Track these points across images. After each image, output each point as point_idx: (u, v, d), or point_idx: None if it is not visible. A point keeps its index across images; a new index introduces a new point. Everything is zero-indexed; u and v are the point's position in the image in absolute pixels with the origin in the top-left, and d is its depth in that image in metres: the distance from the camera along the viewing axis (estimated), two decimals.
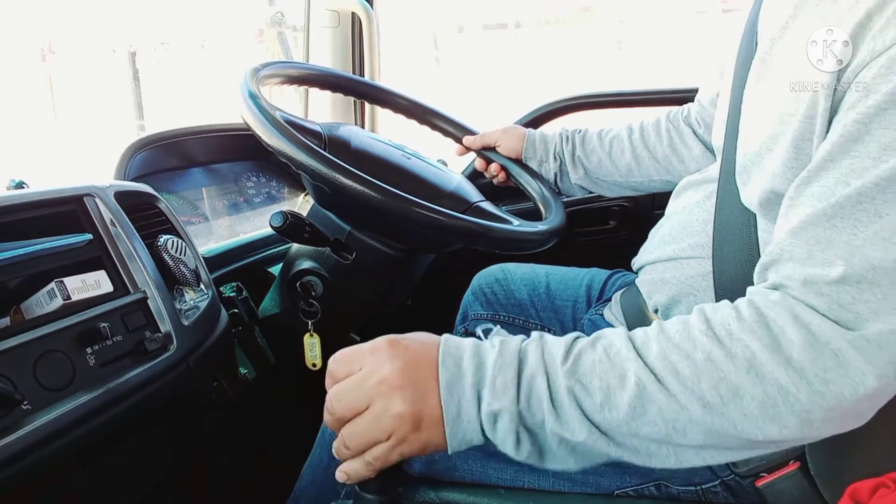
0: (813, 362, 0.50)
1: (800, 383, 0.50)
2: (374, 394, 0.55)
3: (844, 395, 0.50)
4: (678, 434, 0.53)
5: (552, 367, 0.55)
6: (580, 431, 0.54)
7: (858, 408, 0.51)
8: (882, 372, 0.49)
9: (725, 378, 0.52)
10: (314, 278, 1.11)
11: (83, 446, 0.71)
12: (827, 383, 0.50)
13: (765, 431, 0.51)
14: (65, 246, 0.76)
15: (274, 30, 1.73)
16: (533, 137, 1.22)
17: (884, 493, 0.54)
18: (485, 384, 0.55)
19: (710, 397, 0.52)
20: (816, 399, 0.50)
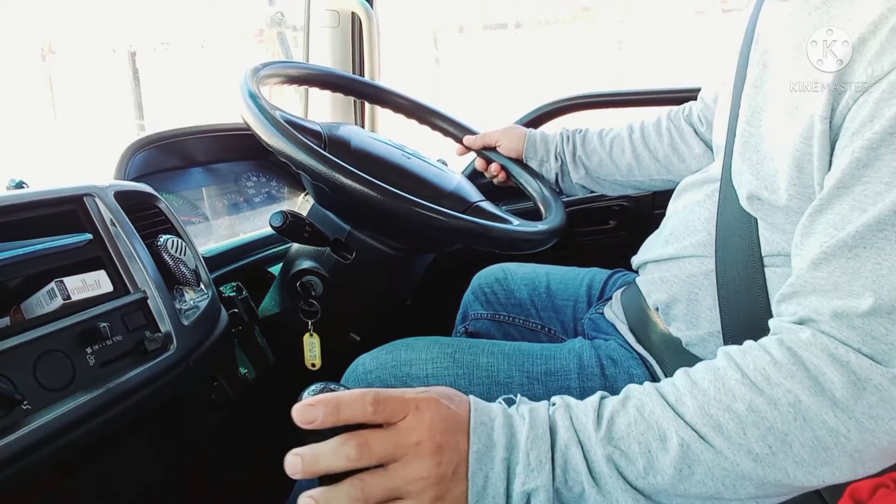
0: (858, 400, 0.49)
1: (849, 423, 0.50)
2: (406, 453, 0.50)
3: (894, 429, 0.49)
4: (729, 490, 0.51)
5: (585, 435, 0.53)
6: (625, 501, 0.51)
7: (890, 439, 0.50)
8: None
9: (772, 427, 0.50)
10: (314, 278, 1.11)
11: (83, 446, 0.71)
12: (875, 420, 0.49)
13: (818, 476, 0.50)
14: (65, 246, 0.76)
15: (274, 29, 1.73)
16: (534, 137, 1.22)
17: (884, 493, 0.54)
18: (518, 460, 0.51)
19: (758, 449, 0.50)
20: (867, 437, 0.49)
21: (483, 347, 0.87)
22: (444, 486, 0.50)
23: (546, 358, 0.84)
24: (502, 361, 0.84)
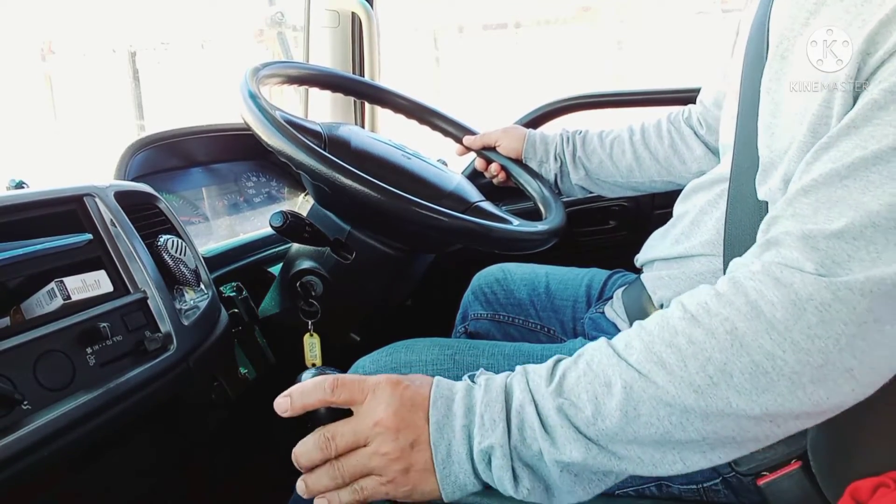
0: (797, 321, 0.50)
1: (784, 344, 0.50)
2: (370, 433, 0.56)
3: (830, 350, 0.49)
4: (676, 428, 0.52)
5: (538, 394, 0.55)
6: (577, 450, 0.53)
7: (847, 364, 0.49)
8: (863, 319, 0.49)
9: (711, 357, 0.51)
10: (314, 278, 1.11)
11: (83, 446, 0.71)
12: (812, 339, 0.49)
13: (760, 403, 0.50)
14: (65, 246, 0.76)
15: (274, 30, 1.73)
16: (533, 138, 1.22)
17: (884, 492, 0.54)
18: (475, 423, 0.55)
19: (699, 380, 0.51)
20: (803, 357, 0.49)
21: (483, 348, 0.87)
22: (407, 459, 0.55)
23: (546, 358, 0.84)
24: (502, 362, 0.84)
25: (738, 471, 0.73)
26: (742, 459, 0.72)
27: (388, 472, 0.56)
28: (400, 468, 0.55)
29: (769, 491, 0.71)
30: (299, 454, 0.58)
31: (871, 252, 0.50)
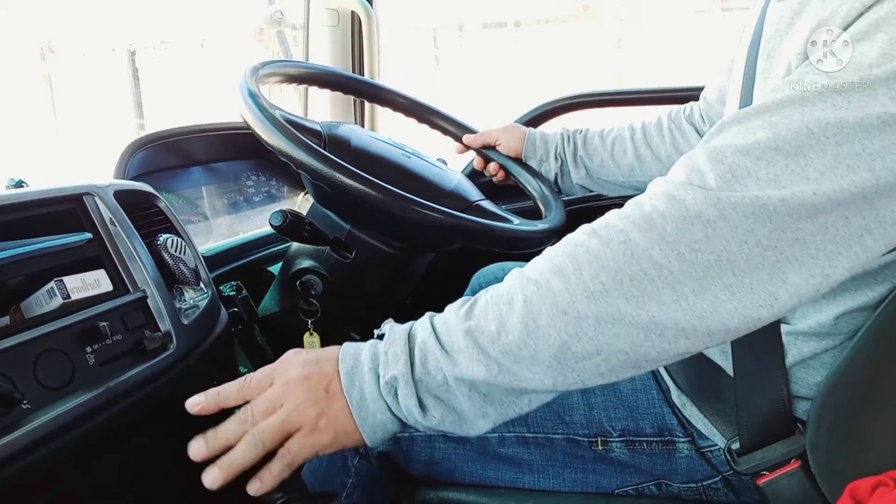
0: (684, 234, 0.52)
1: (671, 255, 0.52)
2: (283, 392, 0.59)
3: (711, 264, 0.52)
4: (573, 339, 0.53)
5: (444, 324, 0.58)
6: (479, 369, 0.55)
7: (726, 280, 0.52)
8: (743, 239, 0.51)
9: (605, 265, 0.53)
10: (314, 277, 1.11)
11: (82, 445, 0.71)
12: (696, 253, 0.52)
13: (646, 310, 0.52)
14: (64, 245, 0.76)
15: (273, 28, 1.73)
16: (533, 137, 1.22)
17: (883, 491, 0.54)
18: (379, 362, 0.58)
19: (592, 286, 0.53)
20: (686, 268, 0.52)
21: None
22: (322, 403, 0.58)
23: None
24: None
25: (737, 470, 0.73)
26: (741, 459, 0.72)
27: (307, 421, 0.58)
28: (316, 413, 0.58)
29: (769, 490, 0.72)
30: (220, 432, 0.61)
31: (768, 173, 0.53)
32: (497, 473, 0.84)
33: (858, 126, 0.52)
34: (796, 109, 0.54)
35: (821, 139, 0.53)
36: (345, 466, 0.87)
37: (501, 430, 0.82)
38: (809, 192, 0.52)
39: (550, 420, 0.81)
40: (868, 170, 0.52)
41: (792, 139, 0.53)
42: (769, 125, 0.55)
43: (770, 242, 0.52)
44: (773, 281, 0.52)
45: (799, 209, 0.52)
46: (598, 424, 0.80)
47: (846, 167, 0.52)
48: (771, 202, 0.52)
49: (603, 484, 0.81)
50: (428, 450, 0.84)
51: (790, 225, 0.52)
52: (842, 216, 0.52)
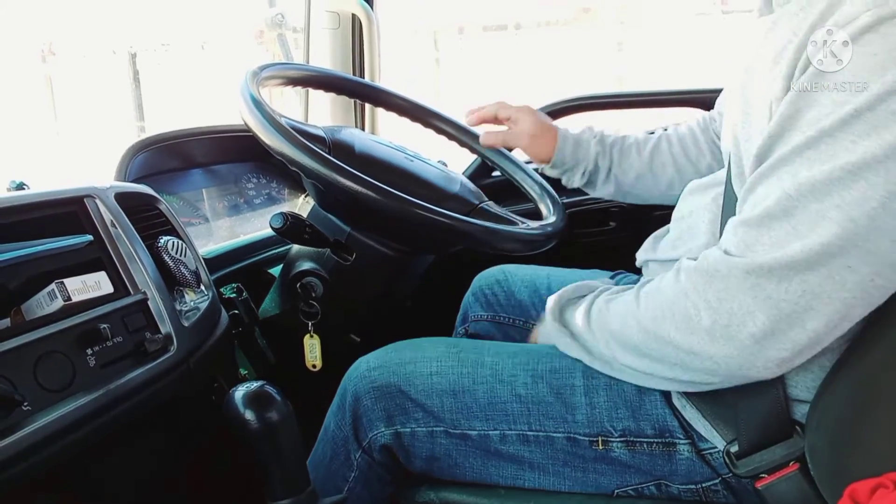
0: (709, 286, 0.64)
1: (701, 302, 0.64)
2: None
3: (733, 312, 0.62)
4: (642, 343, 0.70)
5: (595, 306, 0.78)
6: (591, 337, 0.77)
7: (749, 329, 0.61)
8: (755, 294, 0.61)
9: (668, 298, 0.69)
10: (314, 279, 1.11)
11: (83, 447, 0.71)
12: (721, 301, 0.63)
13: (689, 342, 0.65)
14: (65, 247, 0.76)
15: (274, 31, 1.73)
16: (564, 149, 1.14)
17: (883, 493, 0.54)
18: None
19: (657, 312, 0.69)
20: (713, 315, 0.63)
21: (488, 347, 0.88)
22: None
23: (551, 357, 0.85)
24: (507, 360, 0.85)
25: (736, 473, 0.73)
26: (741, 462, 0.72)
27: None
28: None
29: (768, 493, 0.72)
30: None
31: (770, 238, 0.60)
32: (498, 470, 0.84)
33: (829, 180, 0.57)
34: (782, 171, 0.61)
35: (800, 199, 0.59)
36: (347, 461, 0.87)
37: (503, 427, 0.82)
38: (798, 249, 0.58)
39: (552, 419, 0.81)
40: (849, 220, 0.56)
41: (778, 204, 0.60)
42: (766, 193, 0.62)
43: (779, 295, 0.59)
44: (794, 329, 0.60)
45: (793, 265, 0.58)
46: (599, 424, 0.80)
47: (829, 220, 0.57)
48: (766, 262, 0.60)
49: (603, 483, 0.81)
50: (429, 446, 0.85)
51: (793, 278, 0.59)
52: (843, 266, 0.57)
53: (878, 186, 0.55)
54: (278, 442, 0.70)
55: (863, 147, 0.56)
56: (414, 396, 0.84)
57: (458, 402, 0.83)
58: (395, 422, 0.85)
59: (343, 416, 0.87)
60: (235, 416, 0.70)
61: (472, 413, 0.83)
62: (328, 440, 0.89)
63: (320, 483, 0.87)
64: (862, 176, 0.56)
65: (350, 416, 0.86)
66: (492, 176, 1.63)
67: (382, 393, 0.85)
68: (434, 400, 0.84)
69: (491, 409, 0.82)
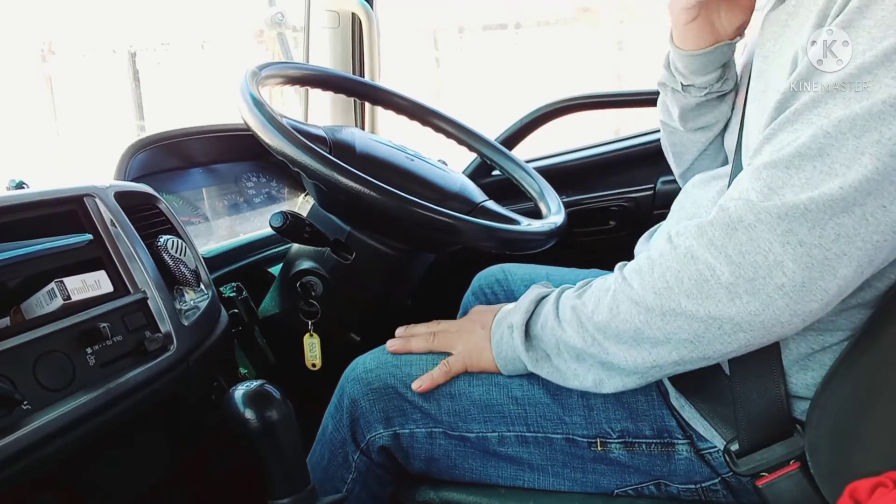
0: (730, 239, 0.59)
1: (720, 258, 0.60)
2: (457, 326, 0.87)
3: (759, 264, 0.58)
4: (645, 327, 0.64)
5: (565, 296, 0.74)
6: (576, 337, 0.70)
7: (777, 280, 0.57)
8: (785, 240, 0.57)
9: (669, 266, 0.63)
10: (314, 278, 1.11)
11: (83, 446, 0.71)
12: (743, 255, 0.59)
13: (704, 307, 0.61)
14: (65, 246, 0.76)
15: (274, 30, 1.73)
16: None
17: (882, 492, 0.54)
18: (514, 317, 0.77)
19: (659, 284, 0.63)
20: (735, 269, 0.59)
21: None
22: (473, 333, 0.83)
23: None
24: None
25: (736, 471, 0.73)
26: (741, 461, 0.72)
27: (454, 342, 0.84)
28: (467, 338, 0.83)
29: (768, 492, 0.72)
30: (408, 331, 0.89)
31: (800, 178, 0.57)
32: (497, 472, 0.84)
33: (869, 115, 0.55)
34: (813, 113, 0.58)
35: (838, 136, 0.56)
36: (345, 462, 0.87)
37: (501, 429, 0.82)
38: (836, 187, 0.55)
39: (550, 420, 0.81)
40: (890, 154, 0.54)
41: (812, 143, 0.57)
42: (793, 135, 0.59)
43: (812, 241, 0.56)
44: (825, 277, 0.57)
45: (831, 205, 0.55)
46: (598, 425, 0.80)
47: (868, 156, 0.54)
48: (802, 203, 0.56)
49: (602, 484, 0.81)
50: (428, 447, 0.85)
51: (828, 221, 0.56)
52: (878, 206, 0.55)
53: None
54: (278, 441, 0.70)
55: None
56: (412, 398, 0.84)
57: (456, 403, 0.83)
58: (393, 423, 0.85)
59: (341, 418, 0.87)
60: (235, 415, 0.70)
61: (470, 415, 0.83)
62: (326, 442, 0.89)
63: (318, 484, 0.87)
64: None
65: (347, 417, 0.86)
66: (491, 175, 1.63)
67: (380, 395, 0.85)
68: (432, 402, 0.84)
69: (488, 411, 0.82)
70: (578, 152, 1.69)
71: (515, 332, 0.75)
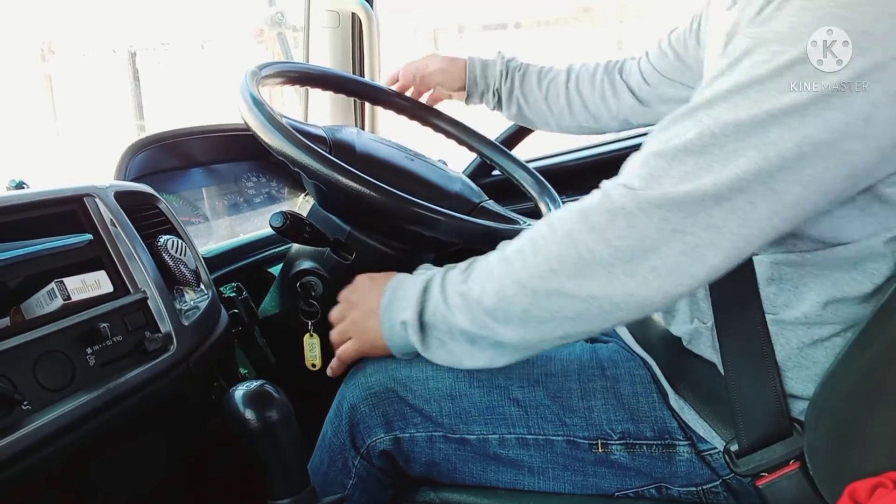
0: (611, 225, 0.62)
1: (600, 241, 0.63)
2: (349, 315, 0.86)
3: (636, 248, 0.62)
4: (532, 307, 0.67)
5: (449, 285, 0.74)
6: (466, 321, 0.71)
7: (651, 262, 0.61)
8: (661, 227, 0.61)
9: (551, 250, 0.66)
10: (314, 278, 1.11)
11: (83, 447, 0.71)
12: (622, 239, 0.62)
13: (585, 288, 0.64)
14: (65, 246, 0.76)
15: (274, 30, 1.73)
16: (473, 73, 1.22)
17: (882, 492, 0.54)
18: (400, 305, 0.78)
19: (543, 266, 0.66)
20: (613, 252, 0.62)
21: None
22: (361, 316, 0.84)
23: (546, 360, 0.85)
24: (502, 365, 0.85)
25: (736, 471, 0.73)
26: (741, 461, 0.72)
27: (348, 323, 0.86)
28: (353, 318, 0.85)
29: (769, 492, 0.72)
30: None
31: (680, 171, 0.61)
32: (497, 475, 0.84)
33: (752, 123, 0.59)
34: (704, 112, 0.62)
35: (721, 138, 0.60)
36: (345, 467, 0.87)
37: (502, 431, 0.82)
38: (710, 182, 0.60)
39: (551, 422, 0.81)
40: (763, 158, 0.59)
41: (697, 140, 0.61)
42: (682, 130, 0.63)
43: (685, 228, 0.60)
44: (695, 263, 0.61)
45: (703, 198, 0.60)
46: (599, 427, 0.80)
47: (744, 158, 0.59)
48: (678, 194, 0.61)
49: (603, 487, 0.81)
50: (428, 451, 0.84)
51: (699, 212, 0.60)
52: (746, 202, 0.60)
53: (795, 131, 0.58)
54: (278, 441, 0.70)
55: (790, 97, 0.59)
56: (412, 402, 0.84)
57: (457, 406, 0.83)
58: (394, 427, 0.85)
59: (340, 424, 0.87)
60: (235, 415, 0.70)
61: (471, 417, 0.83)
62: (325, 447, 0.89)
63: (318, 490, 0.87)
64: (784, 121, 0.59)
65: (347, 422, 0.86)
66: (491, 175, 1.63)
67: (380, 399, 0.85)
68: (432, 404, 0.84)
69: (489, 413, 0.82)
70: (578, 152, 1.69)
71: (410, 329, 0.75)
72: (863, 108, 0.57)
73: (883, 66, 0.57)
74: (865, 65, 0.57)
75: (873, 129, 0.58)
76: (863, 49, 0.57)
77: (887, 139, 0.59)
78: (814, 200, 0.61)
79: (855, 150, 0.59)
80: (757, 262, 0.73)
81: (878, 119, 0.58)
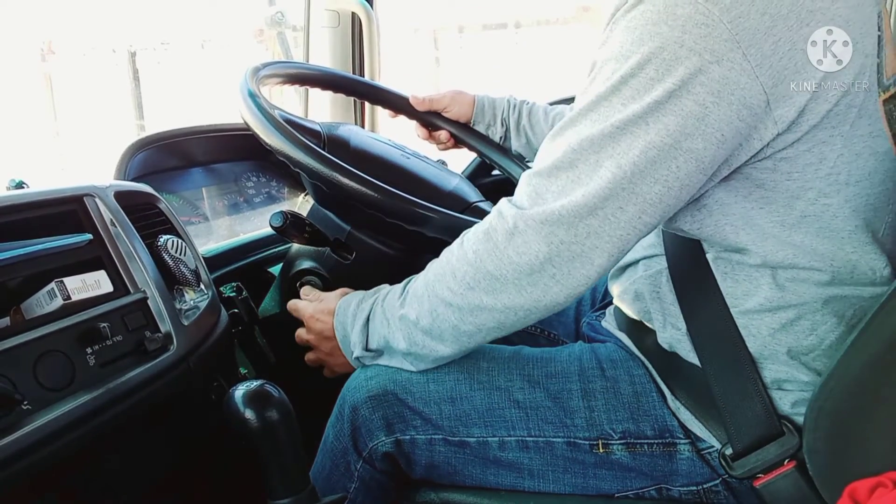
0: (510, 242, 0.71)
1: (504, 259, 0.71)
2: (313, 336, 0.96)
3: (533, 262, 0.70)
4: (461, 323, 0.76)
5: (390, 309, 0.83)
6: (407, 344, 0.80)
7: (549, 272, 0.70)
8: (549, 241, 0.68)
9: (467, 271, 0.74)
10: (314, 278, 1.11)
11: (83, 446, 0.71)
12: (521, 255, 0.70)
13: (501, 301, 0.73)
14: (65, 246, 0.76)
15: (274, 30, 1.73)
16: (482, 103, 1.25)
17: (882, 492, 0.54)
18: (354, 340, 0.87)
19: (463, 285, 0.74)
20: (517, 268, 0.71)
21: (483, 352, 0.87)
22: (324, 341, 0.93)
23: (546, 361, 0.85)
24: (502, 365, 0.85)
25: (733, 475, 0.73)
26: (736, 464, 0.73)
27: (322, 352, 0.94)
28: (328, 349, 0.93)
29: (767, 492, 0.72)
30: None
31: (557, 187, 0.69)
32: (497, 478, 0.84)
33: (603, 135, 0.66)
34: (569, 130, 0.70)
35: (583, 152, 0.68)
36: (347, 471, 0.87)
37: (502, 433, 0.82)
38: (581, 195, 0.67)
39: (552, 423, 0.81)
40: (618, 167, 0.66)
41: (565, 157, 0.69)
42: (554, 148, 0.70)
43: (570, 239, 0.68)
44: (585, 266, 0.69)
45: (579, 210, 0.67)
46: (599, 427, 0.80)
47: (605, 168, 0.66)
48: (557, 209, 0.68)
49: (603, 488, 0.81)
50: (429, 454, 0.84)
51: (578, 224, 0.68)
52: (616, 207, 0.67)
53: (640, 138, 0.65)
54: (278, 441, 0.70)
55: (630, 108, 0.65)
56: (412, 404, 0.84)
57: (457, 408, 0.83)
58: (394, 430, 0.84)
59: (341, 427, 0.86)
60: (235, 414, 0.70)
61: (471, 419, 0.83)
62: (327, 451, 0.89)
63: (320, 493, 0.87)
64: (629, 130, 0.65)
65: (348, 426, 0.86)
66: (491, 175, 1.63)
67: (380, 401, 0.84)
68: (432, 407, 0.83)
69: (489, 416, 0.82)
70: None
71: (367, 361, 0.87)
72: (693, 109, 0.64)
73: (702, 70, 0.63)
74: (686, 72, 0.63)
75: (709, 127, 0.64)
76: (680, 58, 0.63)
77: (726, 131, 0.65)
78: (675, 195, 0.68)
79: (698, 147, 0.65)
80: (711, 261, 0.76)
81: (710, 117, 0.64)
